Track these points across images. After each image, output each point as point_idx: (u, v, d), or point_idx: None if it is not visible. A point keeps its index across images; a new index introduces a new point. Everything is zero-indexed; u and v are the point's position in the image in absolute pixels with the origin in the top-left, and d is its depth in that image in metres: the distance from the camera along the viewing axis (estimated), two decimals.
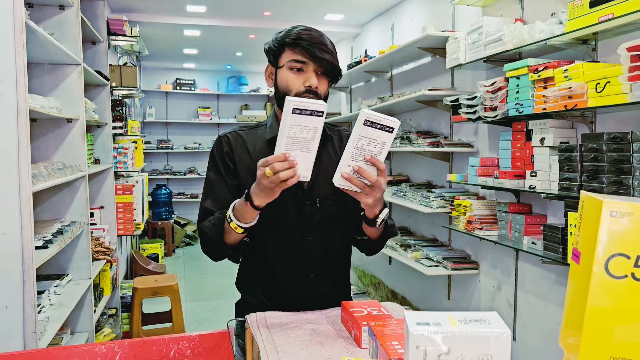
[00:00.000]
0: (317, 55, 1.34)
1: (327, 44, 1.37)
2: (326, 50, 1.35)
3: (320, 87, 1.37)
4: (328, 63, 1.35)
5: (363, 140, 1.16)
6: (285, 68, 1.38)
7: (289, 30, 1.39)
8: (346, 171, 1.19)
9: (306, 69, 1.36)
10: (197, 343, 1.37)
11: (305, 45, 1.34)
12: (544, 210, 2.84)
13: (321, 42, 1.35)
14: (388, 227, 1.44)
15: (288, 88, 1.37)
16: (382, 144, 1.17)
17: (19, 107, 1.90)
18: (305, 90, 1.35)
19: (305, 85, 1.35)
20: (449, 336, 0.66)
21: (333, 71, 1.38)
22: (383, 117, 1.14)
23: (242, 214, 1.27)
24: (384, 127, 1.14)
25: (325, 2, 4.85)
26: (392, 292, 4.82)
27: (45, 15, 2.78)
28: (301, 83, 1.36)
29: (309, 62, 1.35)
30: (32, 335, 1.93)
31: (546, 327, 2.88)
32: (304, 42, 1.34)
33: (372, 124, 1.14)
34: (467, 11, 3.53)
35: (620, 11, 1.96)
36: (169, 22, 5.41)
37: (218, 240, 1.36)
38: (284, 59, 1.38)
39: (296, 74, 1.37)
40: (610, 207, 0.66)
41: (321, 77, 1.38)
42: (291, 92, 1.36)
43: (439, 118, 3.95)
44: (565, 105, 2.26)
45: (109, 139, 3.89)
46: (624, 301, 0.67)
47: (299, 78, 1.36)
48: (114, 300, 3.95)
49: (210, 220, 1.39)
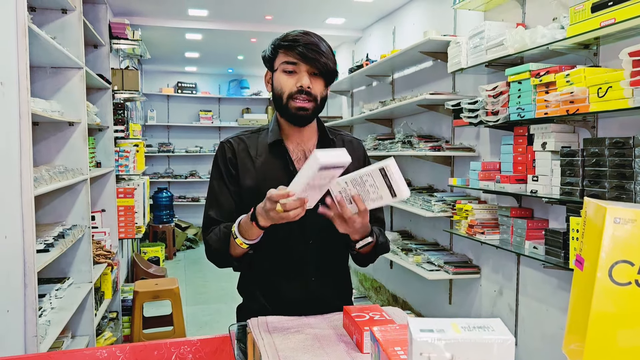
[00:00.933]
0: (308, 55, 1.34)
1: (321, 45, 1.37)
2: (318, 50, 1.35)
3: (315, 88, 1.38)
4: (320, 64, 1.36)
5: (367, 178, 1.18)
6: (279, 71, 1.39)
7: (284, 35, 1.40)
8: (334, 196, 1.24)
9: (298, 70, 1.37)
10: (198, 347, 1.37)
11: (297, 47, 1.35)
12: (545, 214, 2.83)
13: (313, 43, 1.36)
14: (377, 246, 1.44)
15: (282, 90, 1.38)
16: (380, 197, 1.19)
17: (21, 111, 1.91)
18: (297, 91, 1.36)
19: (297, 86, 1.36)
20: (452, 343, 0.66)
21: (327, 72, 1.38)
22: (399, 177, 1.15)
23: (247, 230, 1.28)
24: (391, 187, 1.16)
25: (326, 6, 4.85)
26: (393, 296, 4.81)
27: (47, 18, 2.79)
28: (293, 84, 1.37)
29: (301, 63, 1.36)
30: (33, 339, 1.93)
31: (548, 332, 2.87)
32: (296, 44, 1.35)
33: (386, 175, 1.15)
34: (469, 15, 3.54)
35: (622, 16, 1.97)
36: (170, 26, 5.42)
37: (224, 253, 1.37)
38: (277, 62, 1.40)
39: (289, 75, 1.38)
40: (615, 214, 0.65)
41: (316, 78, 1.38)
42: (284, 93, 1.38)
43: (440, 122, 3.95)
44: (567, 110, 2.26)
45: (110, 142, 3.90)
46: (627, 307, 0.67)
47: (291, 79, 1.37)
48: (114, 303, 3.94)
49: (217, 234, 1.40)
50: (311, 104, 1.38)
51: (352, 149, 1.55)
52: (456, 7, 3.30)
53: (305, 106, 1.38)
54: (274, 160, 1.44)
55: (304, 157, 1.46)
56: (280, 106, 1.41)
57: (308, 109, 1.38)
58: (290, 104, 1.38)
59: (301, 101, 1.37)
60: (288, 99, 1.38)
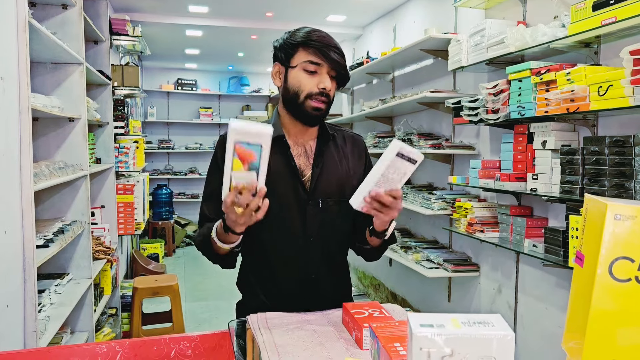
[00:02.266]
0: (331, 57, 1.35)
1: (339, 47, 1.39)
2: (339, 53, 1.37)
3: (332, 90, 1.39)
4: (341, 66, 1.37)
5: (390, 169, 1.18)
6: (298, 69, 1.38)
7: (302, 31, 1.39)
8: (367, 196, 1.22)
9: (320, 70, 1.37)
10: (198, 343, 1.37)
11: (320, 47, 1.34)
12: (545, 213, 2.84)
13: (336, 46, 1.37)
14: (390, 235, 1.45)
15: (300, 89, 1.38)
16: (403, 174, 1.20)
17: (21, 106, 1.90)
18: (318, 92, 1.36)
19: (319, 87, 1.36)
20: (452, 338, 0.66)
21: (344, 74, 1.40)
22: (412, 151, 1.17)
23: (225, 237, 1.28)
24: (410, 160, 1.17)
25: (327, 4, 4.85)
26: (392, 293, 4.82)
27: (48, 14, 2.78)
28: (315, 84, 1.37)
29: (324, 64, 1.36)
30: (32, 334, 1.93)
31: (547, 330, 2.87)
32: (318, 43, 1.35)
33: (402, 156, 1.16)
34: (470, 13, 3.53)
35: (623, 15, 1.96)
36: (171, 22, 5.41)
37: (209, 254, 1.40)
38: (297, 59, 1.38)
39: (310, 75, 1.37)
40: (615, 210, 0.66)
41: (332, 80, 1.39)
42: (302, 92, 1.37)
43: (440, 120, 3.95)
44: (568, 108, 2.26)
45: (110, 138, 3.90)
46: (627, 304, 0.67)
47: (312, 79, 1.37)
48: (114, 299, 3.95)
49: (200, 235, 1.42)
50: (326, 105, 1.40)
51: (353, 144, 1.56)
52: (457, 5, 3.29)
53: (321, 107, 1.38)
54: (275, 156, 1.43)
55: (304, 153, 1.46)
56: (294, 104, 1.40)
57: (323, 110, 1.39)
58: (307, 103, 1.38)
59: (318, 102, 1.37)
60: (306, 98, 1.37)
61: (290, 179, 1.43)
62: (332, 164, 1.47)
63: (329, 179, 1.45)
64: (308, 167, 1.45)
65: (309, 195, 1.43)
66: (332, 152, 1.49)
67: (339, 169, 1.48)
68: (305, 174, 1.44)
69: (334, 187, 1.45)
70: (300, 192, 1.42)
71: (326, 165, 1.45)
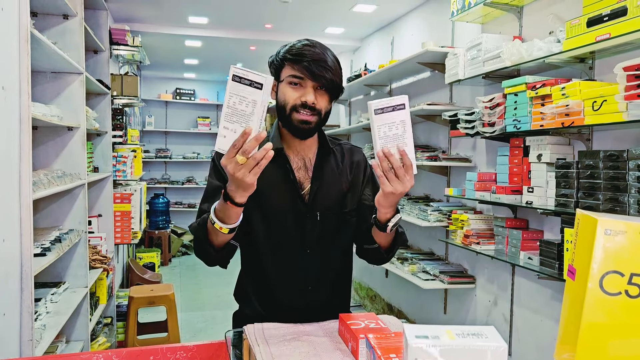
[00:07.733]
0: (315, 72, 1.34)
1: (328, 60, 1.36)
2: (326, 67, 1.35)
3: (320, 103, 1.37)
4: (327, 80, 1.35)
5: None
6: (285, 82, 1.39)
7: (292, 45, 1.39)
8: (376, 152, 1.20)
9: (304, 84, 1.36)
10: (194, 353, 1.37)
11: (305, 62, 1.34)
12: (540, 225, 2.85)
13: (321, 59, 1.35)
14: (399, 234, 1.44)
15: (285, 101, 1.38)
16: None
17: (21, 115, 1.91)
18: (301, 105, 1.36)
19: (302, 100, 1.36)
20: (446, 349, 0.67)
21: (333, 87, 1.38)
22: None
23: (225, 214, 1.23)
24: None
25: (326, 16, 4.89)
26: (388, 305, 4.82)
27: (49, 24, 2.81)
28: (298, 97, 1.36)
29: (306, 78, 1.35)
30: (28, 342, 1.93)
31: (542, 342, 2.88)
32: (304, 58, 1.34)
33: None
34: (467, 28, 3.58)
35: (617, 31, 2.00)
36: (171, 33, 5.45)
37: (203, 240, 1.33)
38: (284, 74, 1.39)
39: (294, 88, 1.37)
40: (605, 225, 0.67)
41: (321, 92, 1.38)
42: (288, 104, 1.37)
43: (437, 132, 3.98)
44: (563, 123, 2.29)
45: (108, 147, 3.91)
46: (618, 317, 0.69)
47: (296, 92, 1.37)
48: (109, 309, 3.93)
49: (195, 222, 1.37)
50: (315, 118, 1.37)
51: (353, 157, 1.57)
52: (454, 19, 3.34)
53: (309, 120, 1.37)
54: (274, 169, 1.43)
55: (304, 166, 1.47)
56: (283, 117, 1.40)
57: (311, 123, 1.37)
58: (293, 116, 1.37)
59: (304, 115, 1.36)
60: (291, 110, 1.37)
61: (289, 191, 1.43)
62: (331, 177, 1.48)
63: (328, 192, 1.46)
64: (307, 180, 1.46)
65: (307, 208, 1.44)
66: (332, 165, 1.50)
67: (338, 182, 1.49)
68: (305, 186, 1.45)
69: (332, 200, 1.46)
70: (299, 205, 1.43)
71: (325, 179, 1.46)
